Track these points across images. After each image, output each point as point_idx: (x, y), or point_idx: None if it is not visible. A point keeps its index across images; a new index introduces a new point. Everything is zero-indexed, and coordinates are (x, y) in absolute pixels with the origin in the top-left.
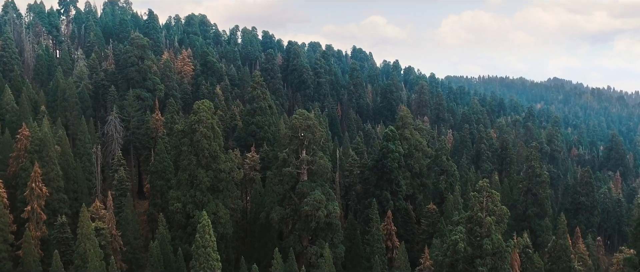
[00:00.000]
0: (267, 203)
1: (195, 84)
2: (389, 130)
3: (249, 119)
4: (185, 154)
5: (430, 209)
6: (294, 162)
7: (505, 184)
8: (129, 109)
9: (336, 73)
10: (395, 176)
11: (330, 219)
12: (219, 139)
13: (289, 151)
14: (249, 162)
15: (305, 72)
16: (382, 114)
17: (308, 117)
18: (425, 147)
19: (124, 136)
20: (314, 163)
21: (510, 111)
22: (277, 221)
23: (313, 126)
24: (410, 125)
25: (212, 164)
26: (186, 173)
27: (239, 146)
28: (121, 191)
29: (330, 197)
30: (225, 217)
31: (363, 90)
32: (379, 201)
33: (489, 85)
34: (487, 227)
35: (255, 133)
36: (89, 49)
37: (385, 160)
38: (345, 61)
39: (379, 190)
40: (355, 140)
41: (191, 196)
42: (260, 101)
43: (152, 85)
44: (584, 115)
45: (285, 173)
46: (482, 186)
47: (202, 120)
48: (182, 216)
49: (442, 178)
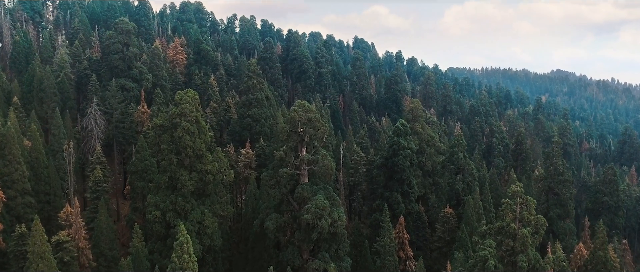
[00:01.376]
0: (261, 209)
1: (188, 74)
2: (400, 125)
3: (244, 112)
4: (164, 152)
5: (446, 214)
6: (293, 162)
7: (523, 182)
8: (111, 101)
9: (338, 63)
10: (407, 175)
11: (335, 229)
12: (205, 135)
13: (286, 148)
14: (243, 160)
15: (305, 62)
16: (386, 106)
17: (309, 109)
18: (438, 143)
19: (106, 131)
20: (316, 163)
21: (517, 103)
22: (272, 230)
23: (314, 120)
24: (421, 118)
25: (196, 164)
26: (166, 175)
27: (233, 141)
28: (97, 193)
29: (334, 203)
30: (213, 227)
31: (366, 81)
32: (388, 203)
33: (492, 77)
34: (521, 241)
35: (251, 127)
36: (73, 37)
37: (396, 158)
38: (346, 52)
39: (388, 191)
40: (359, 134)
41: (172, 202)
42: (256, 92)
43: (138, 75)
44: (590, 107)
45: (282, 175)
46: (515, 191)
47: (184, 113)
48: (161, 226)
49: (459, 178)
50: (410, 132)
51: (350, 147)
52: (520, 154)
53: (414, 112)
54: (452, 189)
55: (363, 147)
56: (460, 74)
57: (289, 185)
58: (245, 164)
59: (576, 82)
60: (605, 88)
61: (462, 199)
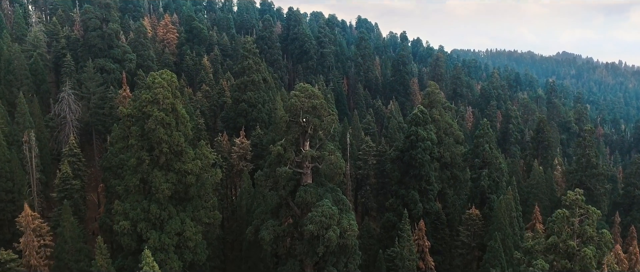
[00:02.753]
0: (256, 213)
1: (179, 55)
2: (419, 112)
3: (239, 95)
4: (134, 149)
5: (471, 215)
6: (294, 159)
7: (547, 174)
8: (88, 84)
9: (341, 44)
10: (427, 171)
11: (345, 240)
12: (185, 127)
13: (286, 142)
14: (237, 150)
15: (307, 42)
16: (393, 89)
17: (312, 93)
18: (457, 131)
19: (84, 118)
20: (322, 160)
21: (525, 86)
22: (268, 241)
23: (320, 107)
24: (439, 104)
25: (174, 163)
26: (136, 177)
27: (226, 129)
28: (66, 192)
29: (344, 207)
30: (196, 238)
31: (372, 62)
32: (403, 202)
33: (497, 59)
34: (582, 263)
35: (246, 113)
36: (52, 13)
37: (414, 150)
38: (350, 32)
39: (403, 188)
40: (366, 119)
41: (144, 209)
42: (252, 73)
43: (120, 55)
44: (599, 91)
45: (280, 174)
46: (573, 199)
47: (157, 100)
48: (131, 239)
49: (484, 173)
50: (429, 120)
51: (356, 135)
52: (541, 143)
53: (430, 97)
54: (477, 185)
55: (370, 134)
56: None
57: (288, 186)
58: (239, 156)
59: (583, 65)
60: (615, 71)
61: (487, 197)
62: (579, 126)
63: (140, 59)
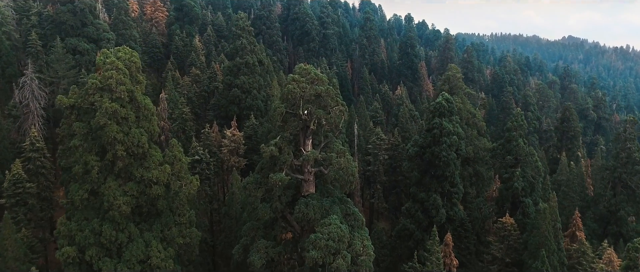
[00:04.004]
0: (244, 229)
1: (169, 35)
2: (444, 100)
3: (231, 80)
4: (79, 152)
5: (505, 225)
6: (292, 162)
7: (578, 168)
8: (56, 67)
9: (344, 26)
10: (452, 171)
11: (358, 267)
12: (149, 122)
13: (282, 140)
14: (228, 144)
15: (309, 22)
16: (401, 73)
17: (316, 77)
18: (480, 121)
19: (49, 106)
20: (328, 163)
21: (535, 71)
22: (259, 267)
23: (325, 95)
24: (460, 91)
25: (134, 169)
26: (83, 189)
27: (217, 118)
28: (17, 197)
29: (356, 224)
30: (165, 265)
31: (377, 44)
32: (423, 207)
33: (502, 43)
34: None
35: (239, 100)
36: None
37: (438, 146)
38: (353, 15)
39: (423, 190)
40: (373, 106)
41: (94, 231)
42: (246, 55)
43: (96, 34)
44: (608, 76)
45: (275, 182)
46: None
47: (109, 86)
48: (79, 269)
49: (517, 173)
50: (455, 110)
51: (364, 124)
52: (566, 133)
53: (450, 82)
54: (508, 186)
55: (379, 124)
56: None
57: (285, 197)
58: (230, 150)
59: (591, 49)
60: (624, 55)
61: (520, 201)
62: (597, 114)
63: (121, 39)
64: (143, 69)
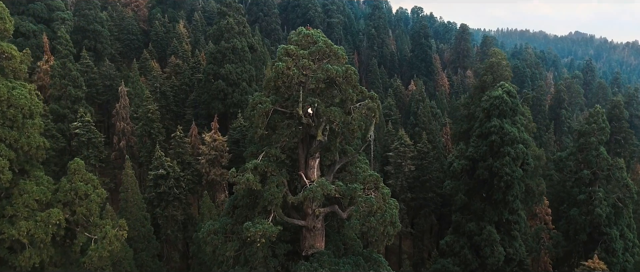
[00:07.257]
0: None
1: (150, 20)
2: (504, 93)
3: (214, 69)
4: None
5: (588, 269)
6: (287, 199)
7: None
8: None
9: (350, 16)
10: (515, 193)
11: None
12: (18, 131)
13: (266, 161)
14: (206, 151)
15: (312, 9)
16: (413, 65)
17: (326, 48)
18: (530, 123)
19: None
20: (349, 201)
21: (550, 66)
22: None
23: (343, 82)
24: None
25: None
26: None
27: (197, 118)
28: None
29: None
30: None
31: (386, 35)
32: (471, 243)
33: (508, 39)
34: None
35: (225, 94)
36: None
37: (498, 160)
38: (357, 7)
39: (473, 220)
40: (386, 102)
41: None
42: (233, 37)
43: (45, 12)
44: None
45: (255, 236)
46: None
47: None
48: None
49: (598, 193)
50: (520, 108)
51: (379, 125)
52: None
53: (494, 70)
54: (585, 211)
55: (394, 122)
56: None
57: (275, 260)
58: (210, 160)
59: (601, 44)
60: (636, 50)
61: (603, 231)
62: (629, 111)
63: (84, 21)
64: (112, 59)
